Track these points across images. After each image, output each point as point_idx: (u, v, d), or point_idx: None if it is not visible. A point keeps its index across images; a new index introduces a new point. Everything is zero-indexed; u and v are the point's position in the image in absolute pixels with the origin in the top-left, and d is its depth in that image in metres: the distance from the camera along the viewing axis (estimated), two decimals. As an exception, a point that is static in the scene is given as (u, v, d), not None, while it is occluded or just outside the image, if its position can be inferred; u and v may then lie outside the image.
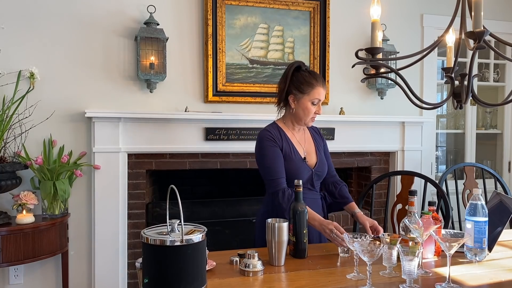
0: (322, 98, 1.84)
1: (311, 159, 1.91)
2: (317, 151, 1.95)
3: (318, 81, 1.82)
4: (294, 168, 1.81)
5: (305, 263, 1.52)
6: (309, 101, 1.81)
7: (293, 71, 1.85)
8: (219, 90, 2.88)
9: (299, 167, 1.83)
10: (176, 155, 2.80)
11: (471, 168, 2.77)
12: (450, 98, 1.44)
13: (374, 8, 1.38)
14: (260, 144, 1.83)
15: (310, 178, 1.87)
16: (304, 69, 1.86)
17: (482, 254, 1.57)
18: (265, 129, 1.86)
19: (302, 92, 1.81)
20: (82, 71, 2.68)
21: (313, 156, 1.93)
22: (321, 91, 1.82)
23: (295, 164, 1.82)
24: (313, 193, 1.90)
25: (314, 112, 1.84)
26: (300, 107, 1.83)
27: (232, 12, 2.91)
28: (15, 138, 2.51)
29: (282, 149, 1.82)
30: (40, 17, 2.61)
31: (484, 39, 1.20)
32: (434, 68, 3.47)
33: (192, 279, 1.10)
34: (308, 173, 1.87)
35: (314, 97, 1.81)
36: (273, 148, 1.80)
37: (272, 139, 1.81)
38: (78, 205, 2.69)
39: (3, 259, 2.24)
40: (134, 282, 2.74)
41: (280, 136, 1.84)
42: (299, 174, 1.81)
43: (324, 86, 1.84)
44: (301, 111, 1.83)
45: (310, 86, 1.81)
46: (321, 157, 1.95)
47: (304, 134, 1.96)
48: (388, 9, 3.10)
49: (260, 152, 1.83)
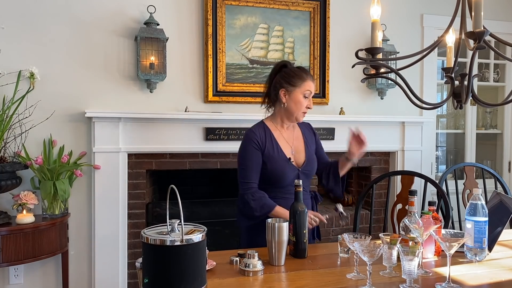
0: (313, 91, 1.87)
1: (298, 158, 1.90)
2: (306, 148, 1.94)
3: (308, 75, 1.87)
4: (278, 169, 1.82)
5: (305, 263, 1.52)
6: (300, 94, 1.84)
7: (280, 68, 1.89)
8: (219, 90, 2.88)
9: (283, 167, 1.83)
10: (176, 155, 2.80)
11: (471, 168, 2.77)
12: (450, 98, 1.43)
13: (374, 8, 1.38)
14: (242, 146, 1.87)
15: (296, 177, 1.85)
16: (291, 66, 1.91)
17: (482, 254, 1.57)
18: (251, 129, 1.88)
19: (293, 85, 1.83)
20: (82, 71, 2.68)
21: (301, 154, 1.92)
22: (311, 84, 1.86)
23: (278, 164, 1.83)
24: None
25: (305, 106, 1.85)
26: (292, 100, 1.84)
27: (232, 12, 2.91)
28: (15, 138, 2.51)
29: (265, 149, 1.83)
30: (40, 17, 2.61)
31: (484, 39, 1.20)
32: (434, 68, 3.47)
33: (192, 279, 1.10)
34: (294, 172, 1.86)
35: (305, 89, 1.84)
36: (253, 152, 1.82)
37: (255, 141, 1.83)
38: (78, 205, 2.69)
39: (3, 259, 2.24)
40: (134, 282, 2.74)
41: (264, 136, 1.86)
42: (283, 174, 1.82)
43: (313, 80, 1.88)
44: (293, 104, 1.84)
45: (301, 78, 1.84)
46: (309, 155, 1.94)
47: (294, 131, 1.96)
48: (388, 9, 3.10)
49: (240, 153, 1.87)
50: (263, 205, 1.77)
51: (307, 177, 1.92)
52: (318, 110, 3.11)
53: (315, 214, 1.82)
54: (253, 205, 1.76)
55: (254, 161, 1.82)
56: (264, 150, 1.83)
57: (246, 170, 1.82)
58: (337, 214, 1.91)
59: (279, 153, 1.85)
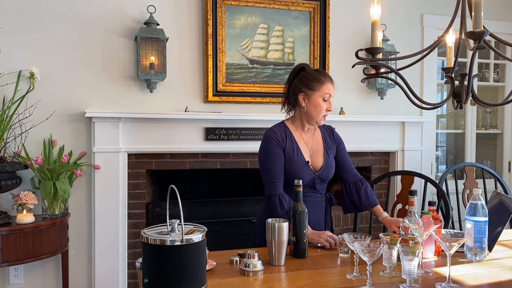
0: (333, 94, 1.83)
1: (316, 162, 1.88)
2: (326, 153, 1.91)
3: (327, 77, 1.82)
4: (295, 171, 1.80)
5: (305, 263, 1.52)
6: (320, 97, 1.80)
7: (299, 71, 1.86)
8: (219, 90, 2.88)
9: (301, 170, 1.81)
10: (176, 155, 2.80)
11: (471, 168, 2.77)
12: (450, 98, 1.43)
13: (374, 8, 1.38)
14: (264, 145, 1.83)
15: (312, 181, 1.84)
16: (310, 69, 1.87)
17: (482, 254, 1.57)
18: (271, 129, 1.85)
19: (312, 89, 1.80)
20: (82, 71, 2.68)
21: (319, 158, 1.89)
22: (330, 86, 1.82)
23: (297, 166, 1.81)
24: (315, 196, 1.88)
25: (325, 109, 1.82)
26: (311, 104, 1.81)
27: (232, 12, 2.91)
28: (15, 138, 2.51)
29: (285, 150, 1.81)
30: (40, 17, 2.61)
31: (484, 39, 1.20)
32: (434, 68, 3.47)
33: (192, 279, 1.10)
34: (310, 176, 1.84)
35: (324, 92, 1.80)
36: (275, 150, 1.80)
37: (276, 140, 1.80)
38: (78, 205, 2.69)
39: (3, 259, 2.24)
40: (134, 282, 2.74)
41: (285, 136, 1.83)
42: (300, 176, 1.78)
43: (332, 83, 1.83)
44: (313, 108, 1.81)
45: (320, 82, 1.80)
46: (328, 160, 1.90)
47: (314, 134, 1.93)
48: (388, 9, 3.10)
49: (262, 153, 1.84)
50: (283, 207, 1.74)
51: (323, 181, 1.90)
52: (318, 110, 3.11)
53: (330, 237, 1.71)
54: (279, 211, 1.73)
55: (277, 160, 1.79)
56: (285, 149, 1.81)
57: (270, 170, 1.79)
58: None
59: (298, 155, 1.82)
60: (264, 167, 1.82)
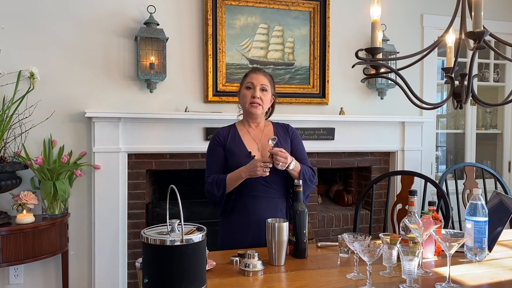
0: (256, 82, 1.87)
1: (266, 155, 1.83)
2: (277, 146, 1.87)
3: (253, 71, 1.93)
4: (236, 162, 1.83)
5: (305, 263, 1.52)
6: (244, 88, 1.90)
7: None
8: (219, 90, 2.88)
9: (241, 161, 1.82)
10: (176, 155, 2.80)
11: (471, 168, 2.77)
12: (450, 98, 1.43)
13: (374, 8, 1.38)
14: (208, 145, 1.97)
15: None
16: None
17: (482, 254, 1.57)
18: (217, 130, 1.98)
19: (241, 85, 1.94)
20: (82, 71, 2.68)
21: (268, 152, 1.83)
22: (253, 76, 1.90)
23: (237, 158, 1.85)
24: (269, 191, 1.84)
25: (251, 96, 1.87)
26: (240, 97, 1.93)
27: (232, 12, 2.91)
28: (15, 138, 2.51)
29: (226, 144, 1.89)
30: (40, 17, 2.61)
31: (484, 39, 1.20)
32: (434, 68, 3.47)
33: (192, 279, 1.10)
34: None
35: (247, 82, 1.90)
36: (213, 148, 1.91)
37: (217, 139, 1.91)
38: (78, 205, 2.69)
39: (3, 259, 2.24)
40: (134, 282, 2.74)
41: (228, 134, 1.93)
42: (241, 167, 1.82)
43: (258, 73, 1.91)
44: (241, 100, 1.93)
45: (245, 76, 1.94)
46: None
47: (264, 130, 1.96)
48: (388, 9, 3.10)
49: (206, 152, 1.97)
50: (217, 181, 1.80)
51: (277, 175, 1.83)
52: (318, 110, 3.11)
53: (263, 161, 1.72)
54: (209, 189, 1.82)
55: (215, 157, 1.89)
56: (226, 145, 1.89)
57: (208, 166, 1.91)
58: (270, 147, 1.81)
59: (240, 148, 1.88)
60: (206, 164, 1.94)
